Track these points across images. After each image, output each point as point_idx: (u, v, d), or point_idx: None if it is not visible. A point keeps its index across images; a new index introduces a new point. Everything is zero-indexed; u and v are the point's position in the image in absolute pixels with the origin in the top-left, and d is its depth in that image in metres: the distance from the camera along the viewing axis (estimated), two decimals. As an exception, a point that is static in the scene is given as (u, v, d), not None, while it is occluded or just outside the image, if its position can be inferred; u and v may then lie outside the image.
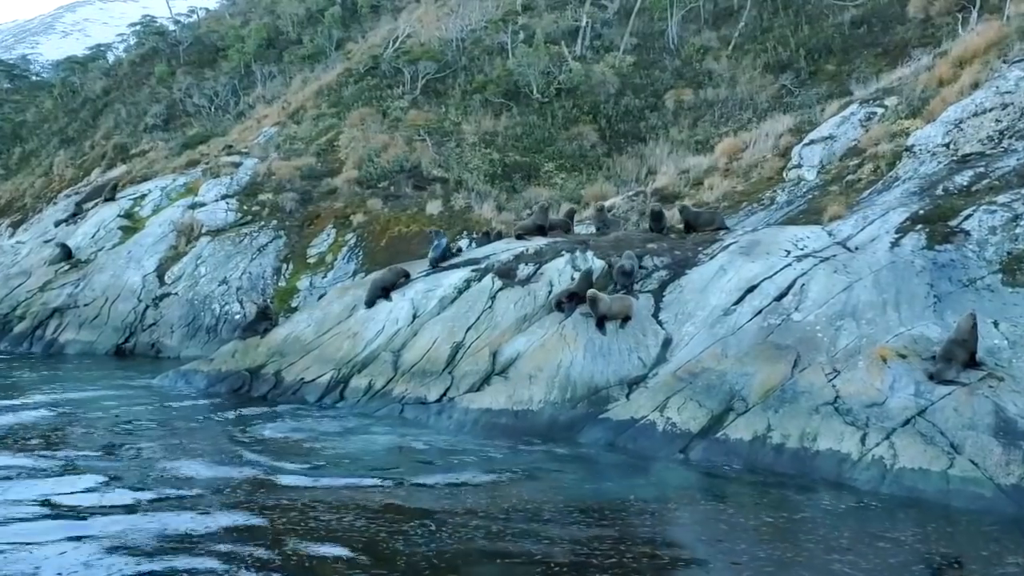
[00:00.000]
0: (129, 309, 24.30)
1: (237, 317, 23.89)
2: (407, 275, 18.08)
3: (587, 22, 33.27)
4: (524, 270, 17.07)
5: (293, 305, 24.30)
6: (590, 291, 14.98)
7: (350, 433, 13.93)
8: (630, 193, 24.40)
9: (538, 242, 18.06)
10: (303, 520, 8.80)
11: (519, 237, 18.68)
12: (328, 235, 26.50)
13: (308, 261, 25.95)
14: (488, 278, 17.03)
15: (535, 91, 30.77)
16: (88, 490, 9.91)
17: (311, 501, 9.54)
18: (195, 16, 61.31)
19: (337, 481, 10.60)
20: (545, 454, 12.69)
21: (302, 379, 16.87)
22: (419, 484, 10.75)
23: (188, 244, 26.00)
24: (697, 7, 35.50)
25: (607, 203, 24.01)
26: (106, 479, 10.37)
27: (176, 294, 24.60)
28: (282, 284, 25.27)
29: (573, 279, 16.38)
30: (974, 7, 26.41)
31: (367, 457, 12.25)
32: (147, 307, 24.44)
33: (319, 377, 16.70)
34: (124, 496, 9.63)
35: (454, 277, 17.51)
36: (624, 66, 31.87)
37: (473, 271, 17.49)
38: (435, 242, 18.92)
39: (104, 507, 9.24)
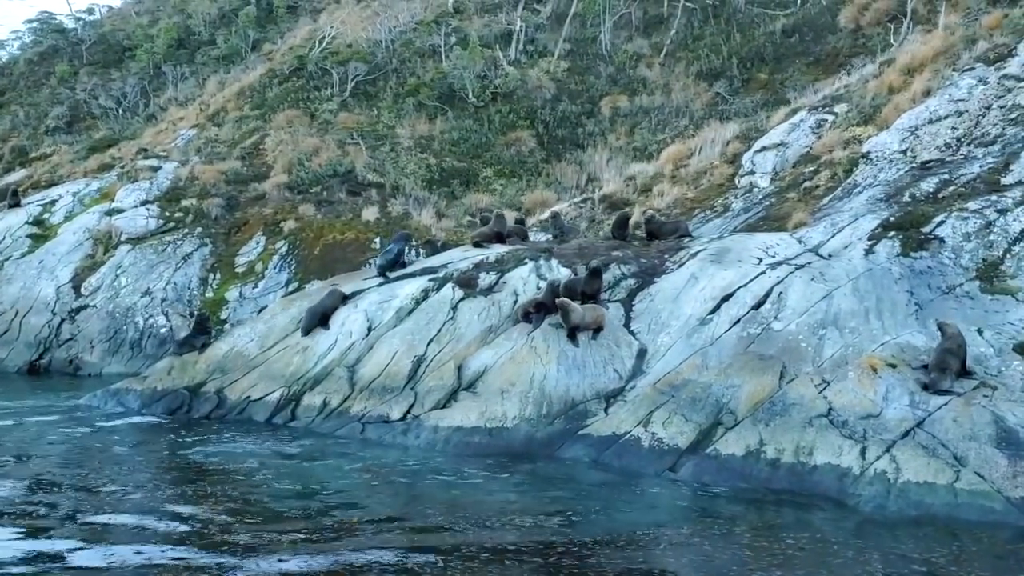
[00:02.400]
0: (43, 323, 22.56)
1: (163, 331, 22.44)
2: (346, 297, 16.89)
3: (521, 26, 32.70)
4: (486, 279, 16.27)
5: (223, 317, 22.95)
6: (561, 301, 14.28)
7: (307, 457, 12.89)
8: (577, 200, 23.90)
9: (497, 250, 17.31)
10: None
11: (476, 245, 17.90)
12: (257, 243, 25.17)
13: (237, 270, 24.59)
14: (448, 288, 16.17)
15: (471, 95, 30.02)
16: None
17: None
18: (96, 14, 58.41)
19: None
20: (529, 476, 11.94)
21: (248, 397, 15.71)
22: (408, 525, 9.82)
23: (106, 253, 24.33)
24: (628, 14, 35.36)
25: (555, 209, 23.45)
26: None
27: (95, 306, 22.94)
28: (210, 295, 23.87)
29: (539, 288, 15.68)
30: (905, 18, 26.86)
31: (331, 492, 11.19)
32: (63, 320, 22.72)
33: (267, 395, 15.56)
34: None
35: (410, 287, 16.59)
36: (559, 72, 31.42)
37: (431, 280, 16.60)
38: (388, 247, 17.96)
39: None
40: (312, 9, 46.22)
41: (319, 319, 16.33)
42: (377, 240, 24.68)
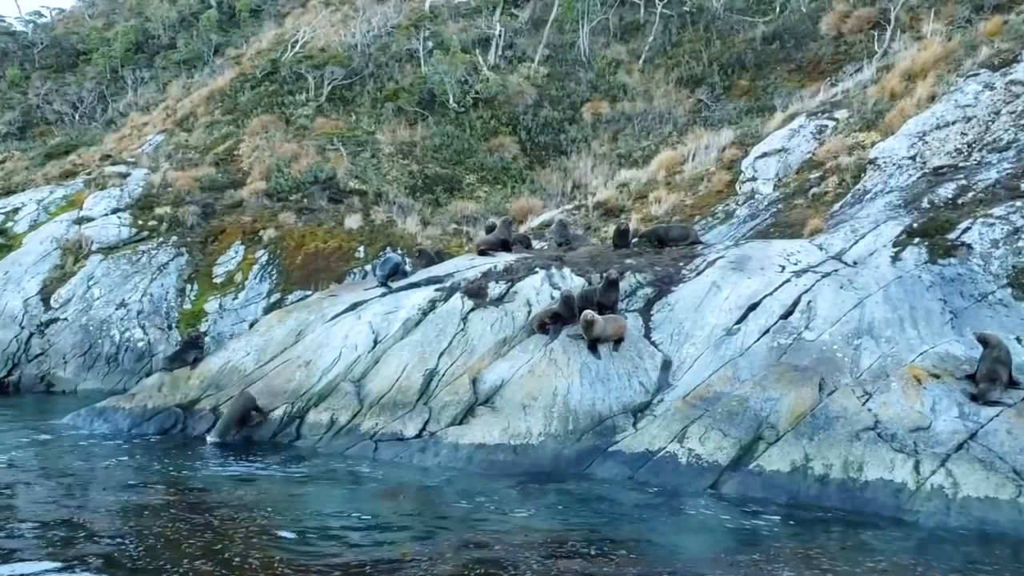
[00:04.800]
0: (10, 337, 21.33)
1: (140, 344, 21.39)
2: (259, 411, 14.51)
3: (500, 31, 32.12)
4: (495, 288, 15.64)
5: (203, 330, 21.91)
6: (587, 313, 13.68)
7: (322, 480, 12.11)
8: (569, 207, 23.37)
9: (505, 258, 16.68)
10: None
11: (482, 253, 17.25)
12: (236, 252, 24.20)
13: (214, 281, 23.59)
14: (456, 298, 15.50)
15: (452, 100, 29.35)
16: None
17: None
18: (47, 16, 56.49)
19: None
20: (565, 497, 11.28)
21: (247, 415, 14.82)
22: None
23: (76, 263, 23.16)
24: (605, 20, 35.02)
25: (546, 216, 22.94)
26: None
27: (66, 319, 21.77)
28: (187, 307, 22.83)
29: (552, 297, 15.11)
30: (888, 25, 26.85)
31: (362, 520, 10.44)
32: (32, 334, 21.53)
33: (269, 412, 14.70)
34: None
35: (416, 297, 15.89)
36: (539, 77, 30.91)
37: (437, 290, 15.92)
38: (386, 256, 17.21)
39: None
40: (276, 13, 45.29)
41: (236, 424, 14.33)
42: (361, 249, 23.92)
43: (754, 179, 20.01)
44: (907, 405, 11.52)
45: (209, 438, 14.25)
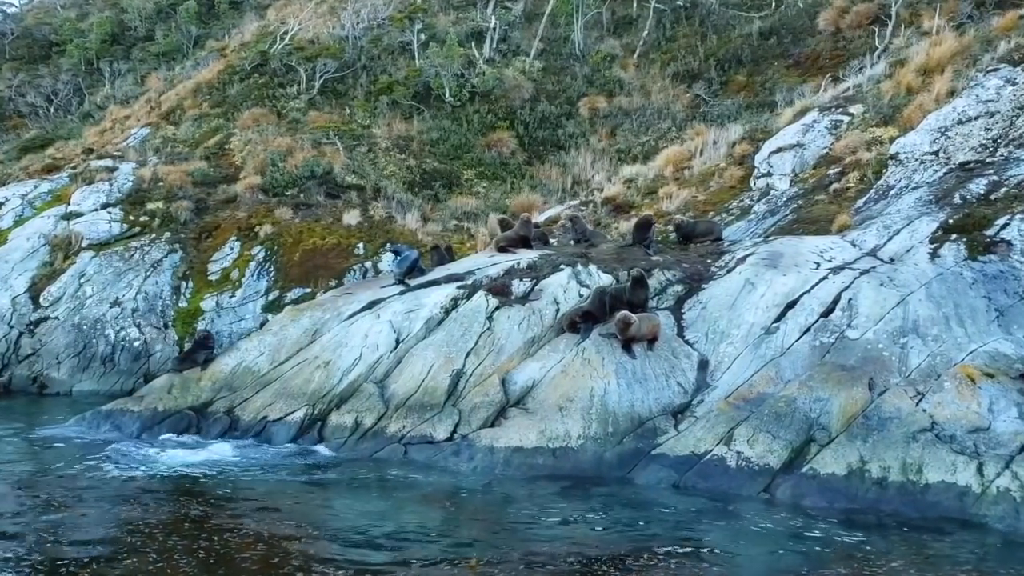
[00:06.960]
0: (-1, 337, 20.48)
1: (136, 344, 20.60)
2: None
3: (495, 24, 31.58)
4: (520, 286, 15.17)
5: (199, 328, 21.18)
6: (623, 312, 13.24)
7: (356, 486, 11.59)
8: (575, 203, 22.94)
9: (528, 255, 16.20)
10: None
11: (502, 249, 16.76)
12: (231, 248, 23.43)
13: (210, 278, 22.80)
14: (480, 296, 15.00)
15: (448, 94, 28.77)
16: None
17: None
18: (16, 6, 54.96)
19: None
20: (613, 503, 10.86)
21: (265, 418, 14.22)
22: None
23: (66, 260, 22.27)
24: (598, 14, 34.61)
25: (551, 212, 22.50)
26: None
27: (57, 318, 20.91)
28: (183, 305, 22.07)
29: (581, 295, 14.69)
30: (890, 20, 26.70)
31: (413, 529, 9.93)
32: (21, 334, 20.65)
33: (288, 415, 14.11)
34: None
35: (437, 295, 15.36)
36: (534, 71, 30.44)
37: (459, 288, 15.41)
38: (403, 254, 16.64)
39: None
40: (258, 5, 44.30)
41: None
42: (360, 245, 23.29)
43: (769, 175, 19.69)
44: (963, 405, 11.24)
45: None
